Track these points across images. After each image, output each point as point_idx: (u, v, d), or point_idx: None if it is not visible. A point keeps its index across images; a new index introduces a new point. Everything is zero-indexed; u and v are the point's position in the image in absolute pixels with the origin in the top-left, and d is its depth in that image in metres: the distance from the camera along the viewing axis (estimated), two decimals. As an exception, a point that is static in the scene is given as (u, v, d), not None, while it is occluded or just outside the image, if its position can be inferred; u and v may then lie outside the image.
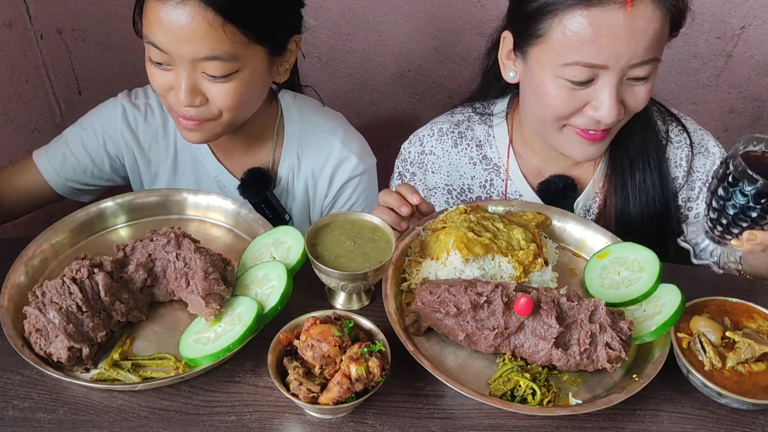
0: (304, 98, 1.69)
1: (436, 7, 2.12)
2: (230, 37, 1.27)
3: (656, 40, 1.28)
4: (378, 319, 1.13)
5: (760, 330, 1.16)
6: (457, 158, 1.64)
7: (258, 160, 1.63)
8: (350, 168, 1.64)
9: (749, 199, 1.12)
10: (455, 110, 1.69)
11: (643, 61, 1.28)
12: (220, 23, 1.25)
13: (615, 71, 1.28)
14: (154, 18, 1.27)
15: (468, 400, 1.09)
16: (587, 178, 1.60)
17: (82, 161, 1.59)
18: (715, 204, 1.17)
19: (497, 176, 1.62)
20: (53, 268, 1.27)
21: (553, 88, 1.34)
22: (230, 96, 1.34)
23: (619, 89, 1.31)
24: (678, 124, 1.59)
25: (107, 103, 1.62)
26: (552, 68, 1.33)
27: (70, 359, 1.07)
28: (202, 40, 1.26)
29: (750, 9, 2.07)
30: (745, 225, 1.16)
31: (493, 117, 1.63)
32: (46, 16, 2.12)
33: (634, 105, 1.36)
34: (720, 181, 1.15)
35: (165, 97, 1.39)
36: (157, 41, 1.28)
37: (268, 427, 1.05)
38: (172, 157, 1.64)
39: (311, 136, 1.63)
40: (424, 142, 1.66)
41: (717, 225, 1.20)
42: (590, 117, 1.35)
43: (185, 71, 1.30)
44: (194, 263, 1.15)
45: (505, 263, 1.24)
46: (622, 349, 1.08)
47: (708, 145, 1.60)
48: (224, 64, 1.30)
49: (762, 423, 1.10)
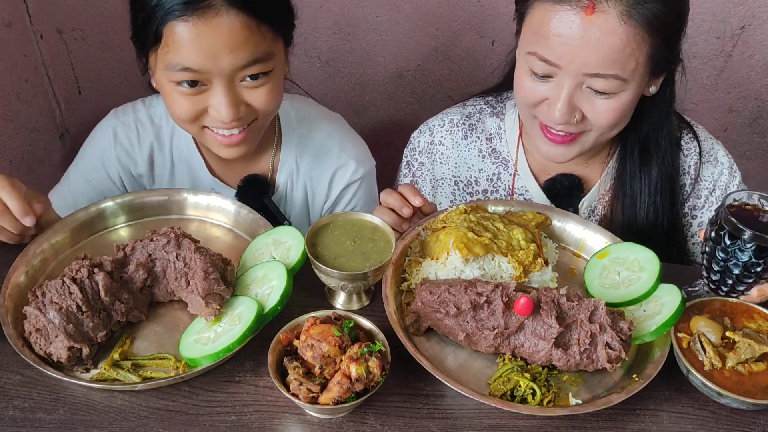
0: (300, 100, 1.67)
1: (436, 7, 2.12)
2: (265, 36, 1.26)
3: (614, 57, 1.24)
4: (378, 319, 1.13)
5: (760, 330, 1.16)
6: (466, 150, 1.64)
7: (258, 168, 1.61)
8: (349, 173, 1.62)
9: (751, 255, 1.12)
10: (467, 102, 1.69)
11: (597, 74, 1.26)
12: (255, 25, 1.24)
13: (569, 74, 1.28)
14: (186, 39, 1.21)
15: (468, 400, 1.09)
16: (594, 179, 1.59)
17: (91, 195, 1.58)
18: (716, 267, 1.17)
19: (505, 170, 1.62)
20: (53, 268, 1.27)
21: (523, 75, 1.37)
22: (270, 96, 1.33)
23: (574, 94, 1.30)
24: (690, 131, 1.58)
25: (98, 131, 1.59)
26: (522, 54, 1.36)
27: (70, 359, 1.07)
28: (243, 46, 1.23)
29: (750, 9, 2.07)
30: (750, 281, 1.16)
31: (506, 108, 1.63)
32: (46, 16, 2.12)
33: (592, 116, 1.33)
34: (716, 243, 1.15)
35: (195, 123, 1.34)
36: (193, 63, 1.23)
37: (268, 427, 1.05)
38: (169, 169, 1.61)
39: (309, 141, 1.61)
40: (434, 132, 1.65)
41: (722, 285, 1.20)
42: (546, 114, 1.36)
43: (224, 85, 1.26)
44: (194, 263, 1.15)
45: (505, 263, 1.24)
46: (622, 349, 1.08)
47: (717, 155, 1.58)
48: (264, 65, 1.28)
49: (762, 423, 1.10)
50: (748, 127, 2.35)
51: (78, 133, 2.33)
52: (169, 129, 1.57)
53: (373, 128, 2.43)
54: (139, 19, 1.26)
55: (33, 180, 2.15)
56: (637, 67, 1.27)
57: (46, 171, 2.23)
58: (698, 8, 2.07)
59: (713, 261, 1.17)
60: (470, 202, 1.39)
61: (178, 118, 1.35)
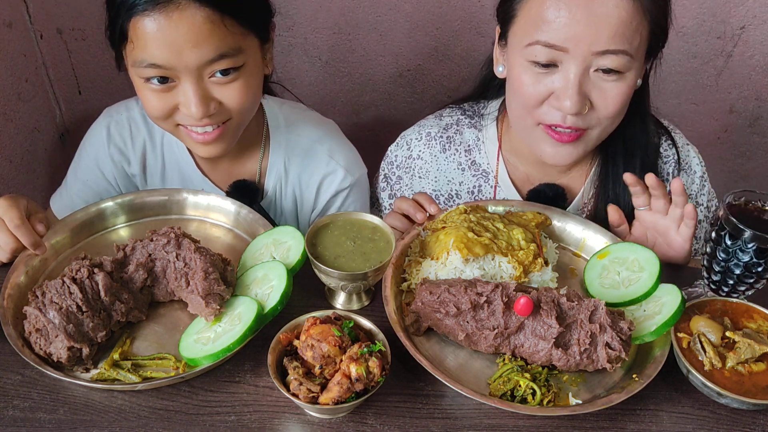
0: (291, 105, 1.65)
1: (436, 7, 2.12)
2: (231, 30, 1.25)
3: (622, 30, 1.24)
4: (378, 319, 1.13)
5: (760, 330, 1.16)
6: (445, 164, 1.61)
7: (245, 170, 1.59)
8: (337, 181, 1.60)
9: (752, 255, 1.12)
10: (443, 112, 1.66)
11: (608, 50, 1.25)
12: (219, 19, 1.23)
13: (577, 58, 1.26)
14: (149, 35, 1.21)
15: (468, 400, 1.09)
16: (577, 188, 1.58)
17: (88, 197, 1.58)
18: (717, 267, 1.18)
19: (486, 182, 1.60)
20: (53, 268, 1.27)
21: (521, 73, 1.34)
22: (242, 93, 1.31)
23: (583, 81, 1.28)
24: (668, 138, 1.58)
25: (92, 131, 1.60)
26: (520, 51, 1.33)
27: (70, 359, 1.07)
28: (207, 40, 1.22)
29: (750, 9, 2.07)
30: (751, 281, 1.16)
31: (483, 120, 1.60)
32: (46, 16, 2.12)
33: (602, 104, 1.31)
34: (716, 244, 1.15)
35: (169, 120, 1.34)
36: (158, 59, 1.23)
37: (268, 427, 1.05)
38: (160, 170, 1.61)
39: (297, 146, 1.59)
40: (412, 146, 1.62)
41: (722, 286, 1.20)
42: (555, 108, 1.32)
43: (192, 81, 1.26)
44: (194, 263, 1.15)
45: (505, 263, 1.24)
46: (622, 349, 1.08)
47: (692, 163, 1.58)
48: (232, 60, 1.27)
49: (762, 423, 1.10)
50: (749, 127, 2.35)
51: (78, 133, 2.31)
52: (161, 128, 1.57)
53: (373, 128, 2.43)
54: (110, 17, 1.27)
55: (33, 180, 2.15)
56: (640, 43, 1.28)
57: (46, 171, 2.23)
58: (698, 8, 2.07)
59: (714, 261, 1.17)
60: (470, 202, 1.39)
61: (152, 115, 1.36)
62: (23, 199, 1.25)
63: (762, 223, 1.14)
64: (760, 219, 1.15)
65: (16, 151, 2.05)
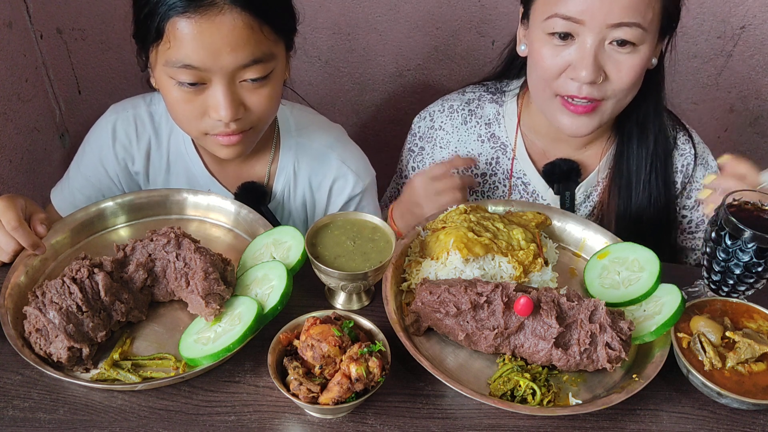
0: (301, 109, 1.66)
1: (436, 7, 2.12)
2: (267, 36, 1.26)
3: (636, 4, 1.30)
4: (378, 319, 1.13)
5: (760, 330, 1.16)
6: (465, 135, 1.67)
7: (254, 172, 1.60)
8: (350, 186, 1.62)
9: (752, 255, 1.12)
10: (467, 89, 1.72)
11: (621, 23, 1.31)
12: (258, 25, 1.24)
13: (593, 30, 1.32)
14: (188, 36, 1.21)
15: (468, 400, 1.09)
16: (592, 165, 1.63)
17: (90, 193, 1.58)
18: (717, 267, 1.18)
19: (504, 155, 1.66)
20: (53, 268, 1.27)
21: (541, 47, 1.40)
22: (269, 99, 1.33)
23: (598, 52, 1.34)
24: (685, 132, 1.63)
25: (97, 127, 1.59)
26: (540, 24, 1.39)
27: (70, 359, 1.07)
28: (245, 45, 1.23)
29: (750, 9, 2.07)
30: (751, 281, 1.16)
31: (504, 96, 1.67)
32: (46, 16, 2.12)
33: (616, 76, 1.37)
34: (716, 244, 1.15)
35: (196, 123, 1.33)
36: (194, 60, 1.22)
37: (268, 427, 1.05)
38: (165, 168, 1.61)
39: (308, 150, 1.60)
40: (434, 117, 1.70)
41: (722, 286, 1.20)
42: (571, 79, 1.38)
43: (224, 84, 1.26)
44: (194, 263, 1.15)
45: (505, 263, 1.24)
46: (622, 349, 1.08)
47: (708, 159, 1.64)
48: (264, 66, 1.28)
49: (762, 423, 1.10)
50: (749, 126, 2.35)
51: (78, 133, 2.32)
52: (168, 127, 1.56)
53: (373, 128, 2.43)
54: (142, 14, 1.26)
55: (33, 180, 2.15)
56: (654, 17, 1.33)
57: (46, 171, 2.23)
58: (698, 8, 2.07)
59: (714, 261, 1.17)
60: (470, 203, 1.39)
61: (179, 119, 1.35)
62: (21, 199, 1.25)
63: (762, 223, 1.14)
64: (760, 219, 1.15)
65: (16, 151, 2.05)
